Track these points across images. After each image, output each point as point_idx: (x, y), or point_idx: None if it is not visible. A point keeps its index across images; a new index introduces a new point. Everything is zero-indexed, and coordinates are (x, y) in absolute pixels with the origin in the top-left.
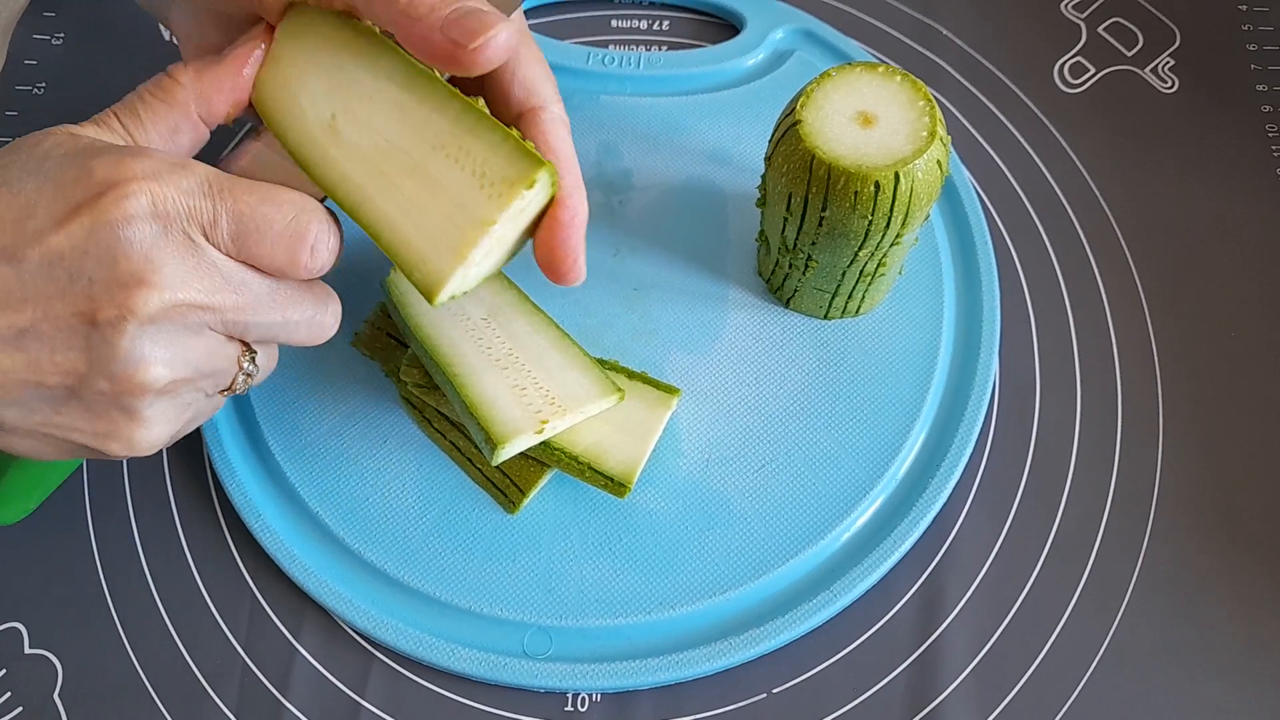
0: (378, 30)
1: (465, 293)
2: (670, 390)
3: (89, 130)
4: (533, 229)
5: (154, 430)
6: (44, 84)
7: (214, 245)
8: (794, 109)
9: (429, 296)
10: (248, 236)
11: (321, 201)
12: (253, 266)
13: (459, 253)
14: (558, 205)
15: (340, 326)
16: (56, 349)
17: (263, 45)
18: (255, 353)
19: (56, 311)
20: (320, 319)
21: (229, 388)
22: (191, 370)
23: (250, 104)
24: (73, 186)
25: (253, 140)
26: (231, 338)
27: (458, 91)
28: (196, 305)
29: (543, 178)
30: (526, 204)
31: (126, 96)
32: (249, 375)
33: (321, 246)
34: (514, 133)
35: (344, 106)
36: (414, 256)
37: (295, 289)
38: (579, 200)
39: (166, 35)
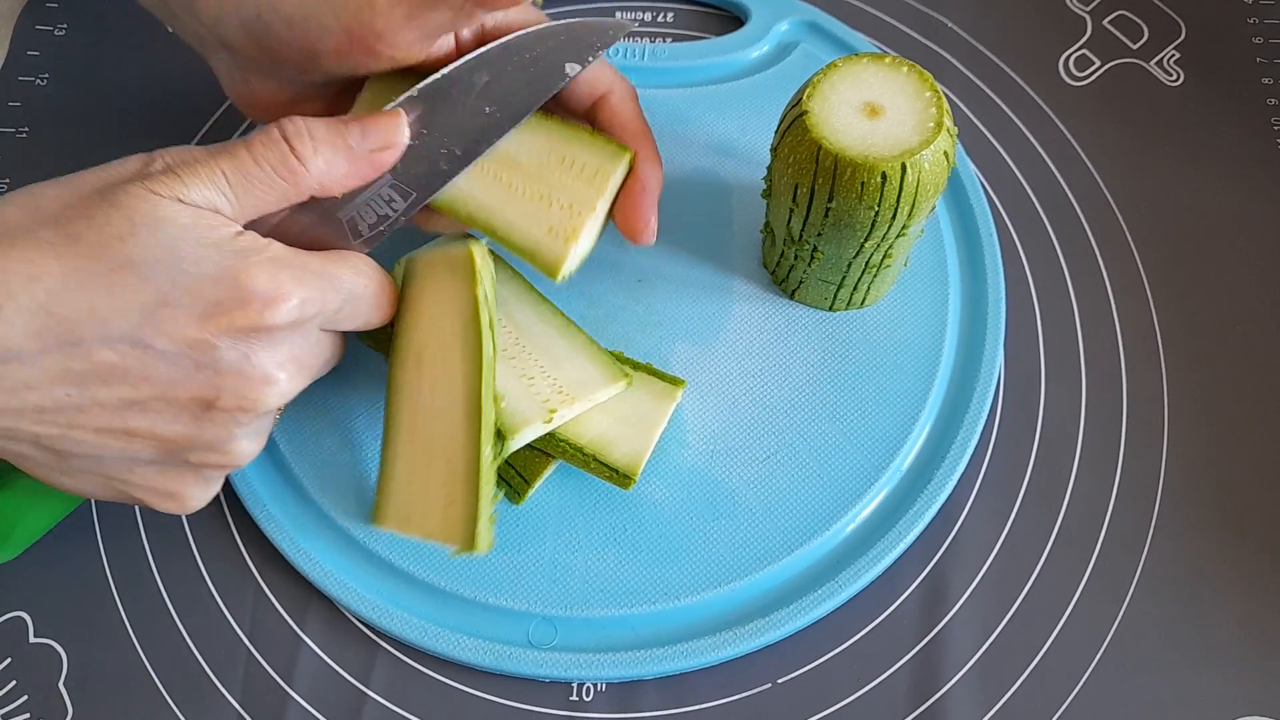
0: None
1: (582, 259)
2: (675, 382)
3: (193, 190)
4: (613, 202)
5: (213, 491)
6: (47, 75)
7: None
8: (800, 100)
9: (371, 519)
10: (350, 313)
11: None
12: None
13: (404, 525)
14: (632, 178)
15: None
16: (160, 423)
17: (398, 138)
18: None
19: (175, 394)
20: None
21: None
22: (262, 439)
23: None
24: (213, 289)
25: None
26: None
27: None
28: (297, 390)
29: (624, 162)
30: (614, 185)
31: (235, 150)
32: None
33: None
34: (488, 515)
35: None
36: (384, 493)
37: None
38: (649, 169)
39: (169, 27)
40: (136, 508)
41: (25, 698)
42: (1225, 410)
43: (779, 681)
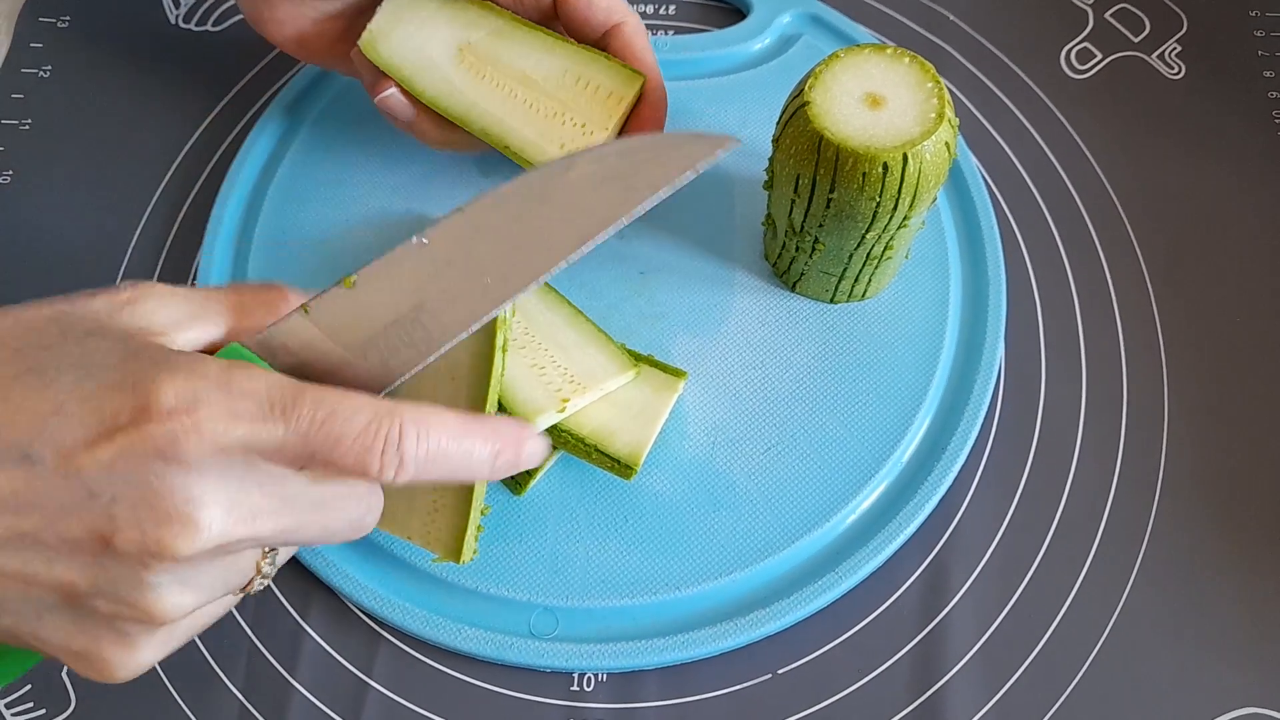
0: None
1: None
2: (677, 373)
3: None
4: (623, 122)
5: (142, 657)
6: (50, 67)
7: (269, 461)
8: (802, 90)
9: None
10: (313, 457)
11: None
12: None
13: (387, 523)
14: (644, 103)
15: None
16: (55, 561)
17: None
18: (275, 552)
19: (66, 527)
20: (363, 520)
21: (245, 587)
22: (209, 595)
23: None
24: (113, 398)
25: (302, 314)
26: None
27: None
28: (236, 541)
29: (639, 87)
30: (625, 111)
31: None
32: (266, 577)
33: (396, 451)
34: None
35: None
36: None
37: (343, 493)
38: (660, 97)
39: (172, 19)
40: None
41: (28, 687)
42: (1225, 401)
43: (779, 672)
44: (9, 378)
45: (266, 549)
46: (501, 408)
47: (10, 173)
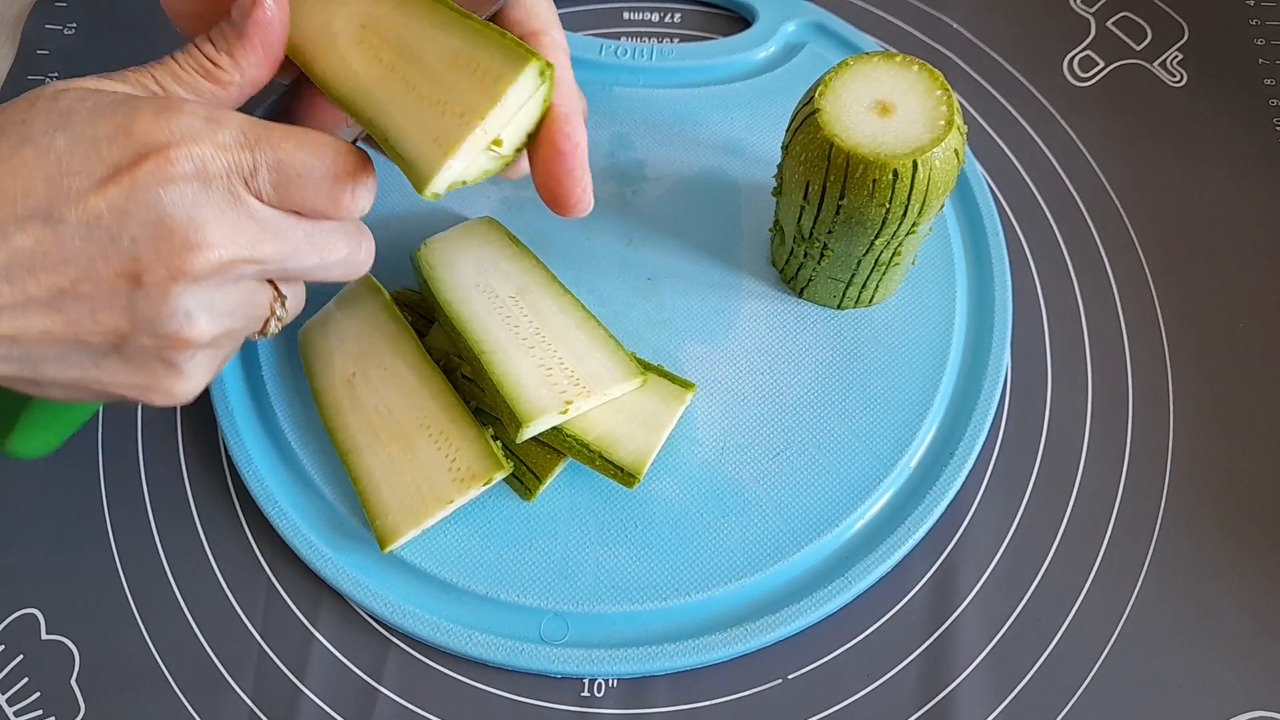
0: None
1: (465, 182)
2: (686, 385)
3: (116, 84)
4: (531, 141)
5: (194, 380)
6: (56, 74)
7: (254, 195)
8: (812, 97)
9: (380, 546)
10: (288, 184)
11: (354, 143)
12: (292, 211)
13: (416, 517)
14: (556, 132)
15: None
16: (98, 309)
17: None
18: (285, 296)
19: (98, 272)
20: (356, 257)
21: (261, 331)
22: (232, 321)
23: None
24: (109, 145)
25: (307, 85)
26: (265, 282)
27: (452, 389)
28: (242, 260)
29: (530, 71)
30: (521, 101)
31: (159, 63)
32: (280, 320)
33: (362, 188)
34: (488, 433)
35: (362, 369)
36: (379, 510)
37: (332, 230)
38: (577, 126)
39: None
40: (147, 498)
41: (38, 694)
42: (1230, 404)
43: (789, 677)
44: (6, 154)
45: (278, 292)
46: (507, 395)
47: None
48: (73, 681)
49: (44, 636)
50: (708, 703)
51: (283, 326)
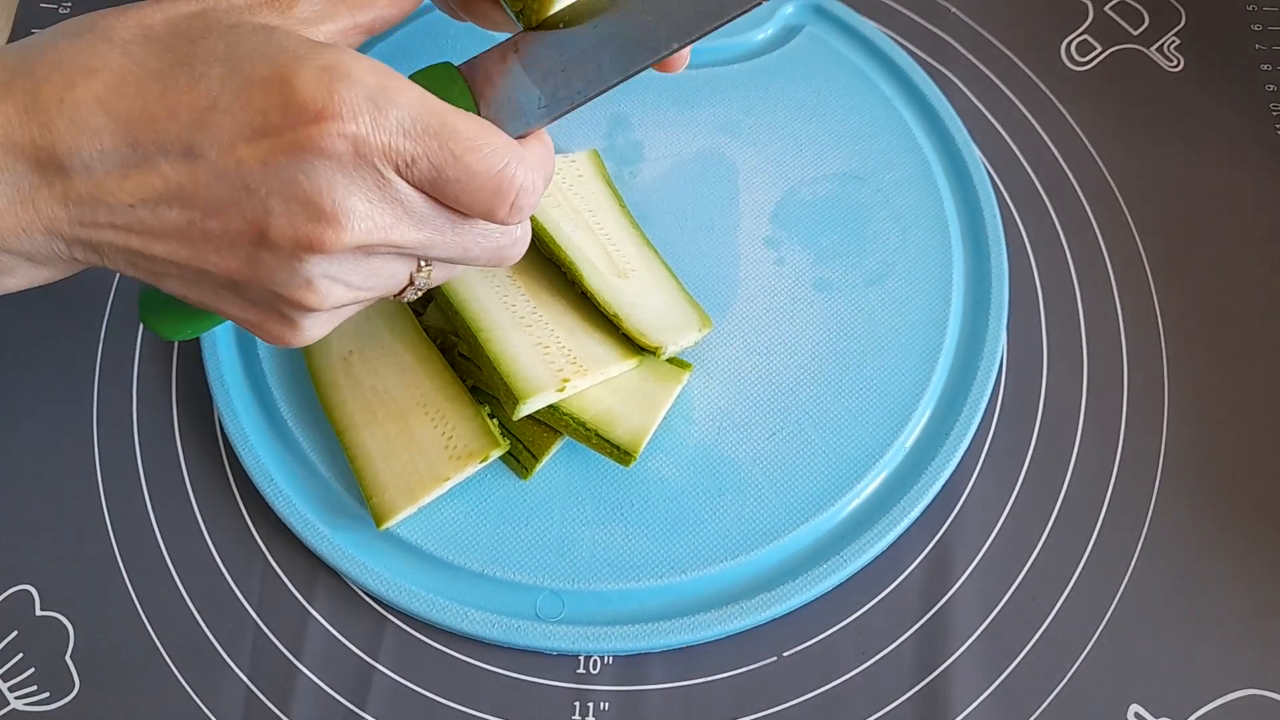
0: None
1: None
2: (682, 365)
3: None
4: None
5: (309, 333)
6: (69, 7)
7: (405, 180)
8: None
9: (376, 523)
10: (445, 184)
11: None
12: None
13: (413, 494)
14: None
15: None
16: (221, 249)
17: None
18: (430, 268)
19: (227, 217)
20: (505, 253)
21: (399, 294)
22: (361, 293)
23: None
24: (265, 95)
25: (512, 54)
26: (408, 256)
27: (449, 367)
28: (377, 244)
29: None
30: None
31: None
32: (419, 289)
33: (525, 199)
34: (484, 411)
35: (359, 347)
36: (375, 487)
37: (484, 230)
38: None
39: None
40: (142, 474)
41: (32, 670)
42: (1224, 388)
43: (785, 655)
44: (159, 70)
45: (421, 262)
46: (505, 372)
47: None
48: (67, 658)
49: (38, 613)
50: (703, 680)
51: (423, 292)
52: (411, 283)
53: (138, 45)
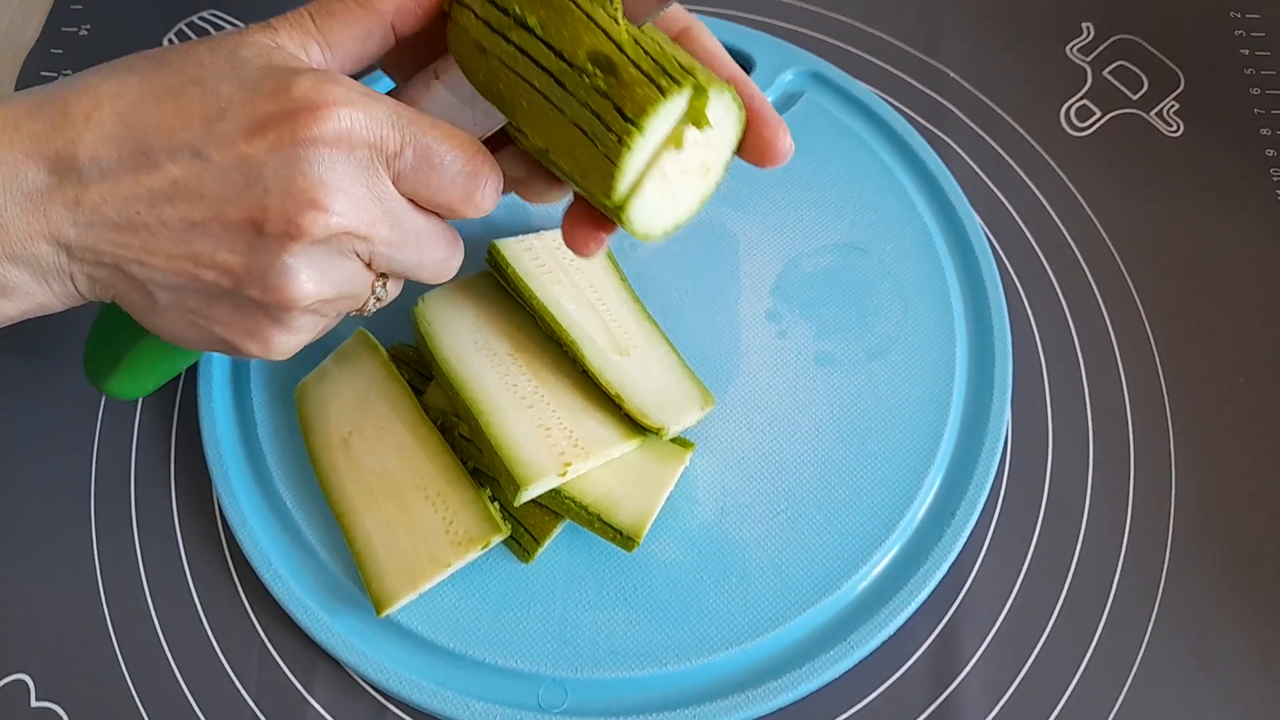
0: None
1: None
2: (684, 444)
3: (283, 34)
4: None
5: (293, 339)
6: (70, 73)
7: (391, 176)
8: None
9: (376, 610)
10: (428, 171)
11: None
12: (415, 204)
13: (414, 581)
14: (756, 119)
15: None
16: (220, 248)
17: None
18: (387, 280)
19: (229, 213)
20: (449, 263)
21: (359, 310)
22: (335, 291)
23: (444, 11)
24: (268, 99)
25: (433, 79)
26: (368, 266)
27: (450, 449)
28: (356, 234)
29: (726, 100)
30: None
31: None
32: (379, 300)
33: (491, 188)
34: (485, 494)
35: (359, 427)
36: (375, 573)
37: (439, 231)
38: (764, 100)
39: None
40: (140, 559)
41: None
42: (1232, 457)
43: None
44: (175, 87)
45: (379, 276)
46: (506, 457)
47: None
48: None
49: (34, 703)
50: None
51: (379, 308)
52: (372, 292)
53: (154, 71)
